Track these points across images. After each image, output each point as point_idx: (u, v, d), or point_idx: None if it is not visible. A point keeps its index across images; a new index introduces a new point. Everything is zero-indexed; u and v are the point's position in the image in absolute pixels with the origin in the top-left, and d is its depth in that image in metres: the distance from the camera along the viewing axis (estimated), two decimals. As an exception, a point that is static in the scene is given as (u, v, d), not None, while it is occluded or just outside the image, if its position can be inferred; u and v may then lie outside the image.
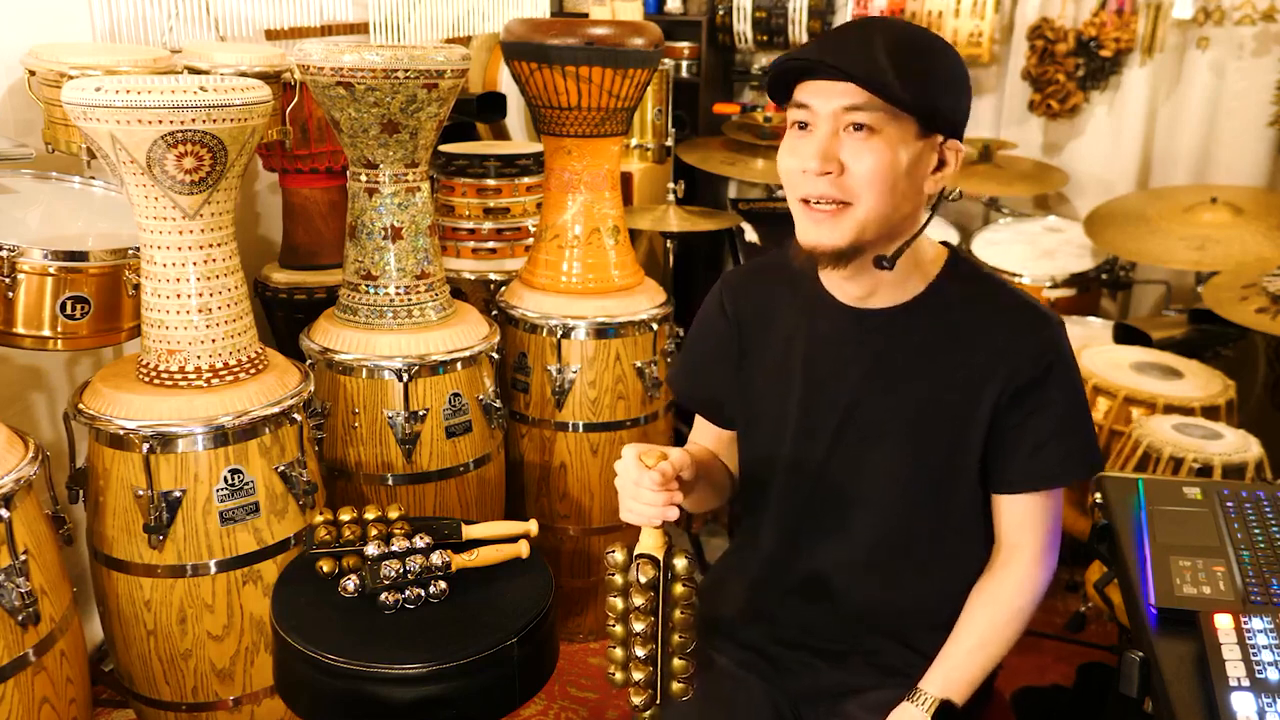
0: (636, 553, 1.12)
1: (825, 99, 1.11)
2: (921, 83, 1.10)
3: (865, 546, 1.29)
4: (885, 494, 1.26)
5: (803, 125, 1.14)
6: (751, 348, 1.34)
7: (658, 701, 1.16)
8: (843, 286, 1.24)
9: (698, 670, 1.35)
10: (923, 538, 1.28)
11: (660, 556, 1.11)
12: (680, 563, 1.11)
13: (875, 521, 1.28)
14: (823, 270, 1.20)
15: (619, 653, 1.16)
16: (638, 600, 1.11)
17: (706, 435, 1.43)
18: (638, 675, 1.15)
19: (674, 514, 1.12)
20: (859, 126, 1.11)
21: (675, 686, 1.15)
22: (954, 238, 3.26)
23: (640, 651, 1.13)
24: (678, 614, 1.12)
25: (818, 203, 1.14)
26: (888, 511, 1.27)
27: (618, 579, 1.13)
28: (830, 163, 1.11)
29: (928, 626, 1.29)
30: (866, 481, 1.27)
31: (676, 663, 1.14)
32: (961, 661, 1.22)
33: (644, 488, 1.11)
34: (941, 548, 1.28)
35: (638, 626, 1.12)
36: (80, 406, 1.72)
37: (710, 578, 1.49)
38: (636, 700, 1.16)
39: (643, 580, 1.10)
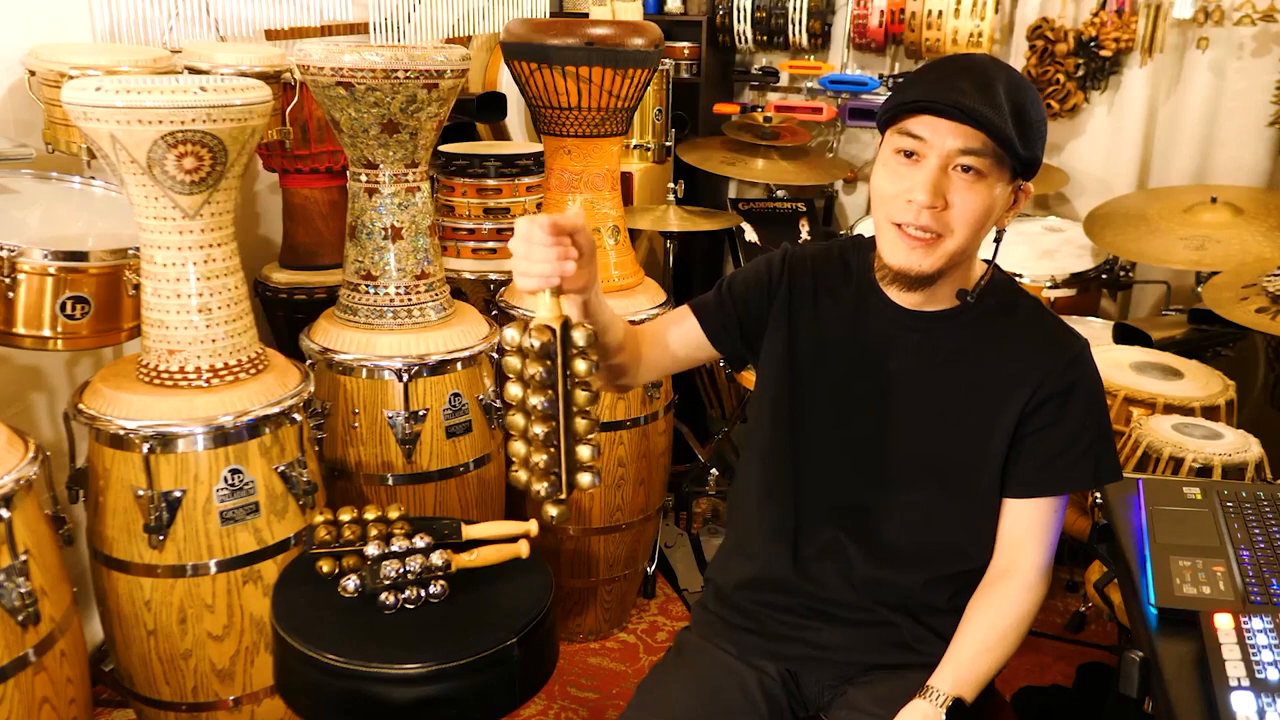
0: (532, 324, 1.02)
1: (943, 137, 1.15)
2: (1031, 136, 1.16)
3: (886, 528, 1.32)
4: (910, 482, 1.31)
5: (909, 154, 1.18)
6: (798, 316, 1.36)
7: (564, 494, 1.05)
8: (899, 292, 1.29)
9: (680, 651, 1.35)
10: (940, 528, 1.31)
11: (557, 327, 1.02)
12: (579, 334, 1.02)
13: (898, 505, 1.32)
14: (899, 288, 1.25)
15: (520, 447, 1.05)
16: (532, 370, 1.00)
17: (670, 324, 1.40)
18: (538, 459, 1.03)
19: (570, 269, 1.04)
20: (968, 168, 1.15)
21: (583, 478, 1.05)
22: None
23: (540, 430, 1.02)
24: (580, 393, 1.03)
25: (917, 230, 1.18)
26: (911, 498, 1.31)
27: (514, 361, 1.02)
28: (939, 198, 1.16)
29: (937, 608, 1.34)
30: (893, 466, 1.31)
31: (581, 450, 1.04)
32: (968, 662, 1.25)
33: (535, 244, 1.04)
34: (957, 539, 1.32)
35: (535, 401, 1.01)
36: (80, 406, 1.72)
37: (719, 553, 1.52)
38: (537, 487, 1.04)
39: (536, 345, 1.00)
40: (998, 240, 1.27)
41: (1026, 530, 1.29)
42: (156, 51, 2.05)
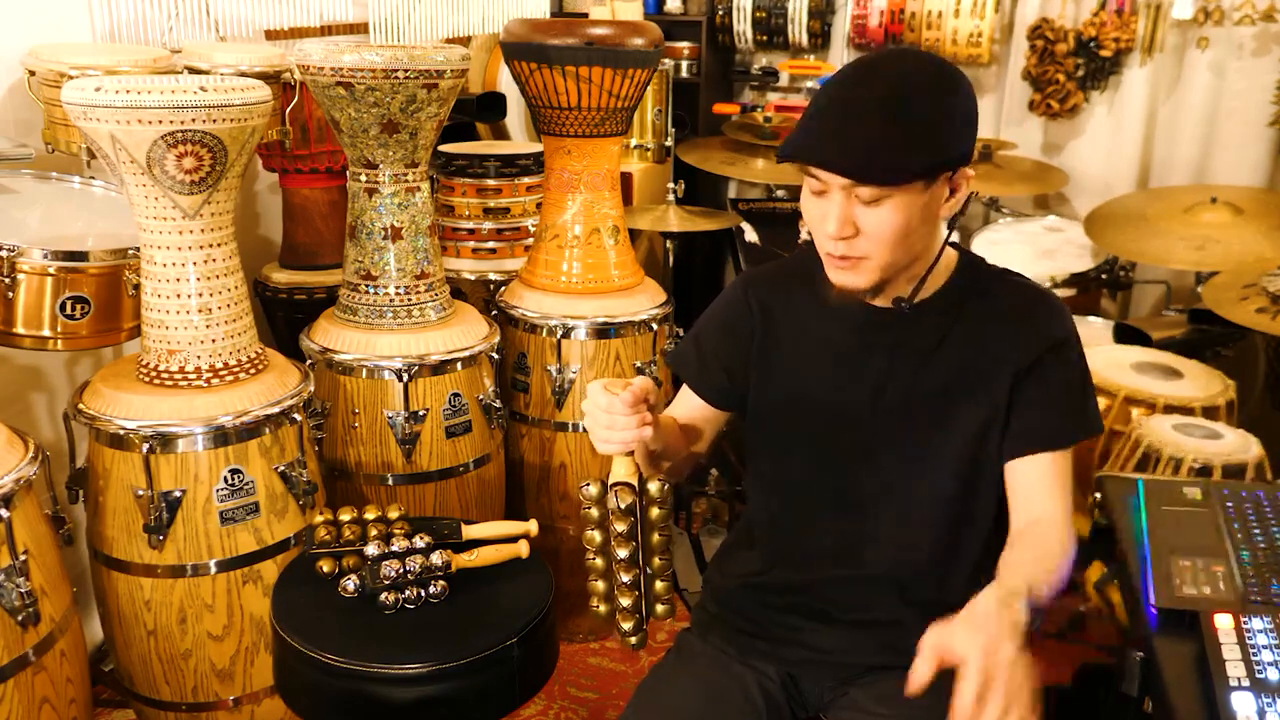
0: (612, 481, 1.15)
1: (833, 177, 1.15)
2: (924, 146, 1.13)
3: (888, 524, 1.32)
4: (911, 475, 1.30)
5: (816, 190, 1.19)
6: (773, 338, 1.37)
7: (645, 627, 1.20)
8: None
9: (680, 651, 1.37)
10: (944, 516, 1.31)
11: (635, 483, 1.15)
12: (654, 486, 1.15)
13: (900, 501, 1.31)
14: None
15: (600, 585, 1.19)
16: (619, 527, 1.14)
17: (684, 410, 1.44)
18: (625, 601, 1.18)
19: (649, 433, 1.14)
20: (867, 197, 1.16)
21: (659, 608, 1.19)
22: (953, 238, 3.27)
23: (625, 578, 1.16)
24: (655, 537, 1.16)
25: (839, 257, 1.20)
26: (913, 492, 1.31)
27: (594, 512, 1.16)
28: (846, 227, 1.17)
29: (939, 608, 1.31)
30: (892, 462, 1.30)
31: (659, 585, 1.18)
32: (1023, 569, 1.12)
33: (616, 413, 1.13)
34: (961, 527, 1.31)
35: (621, 553, 1.15)
36: (80, 406, 1.72)
37: (718, 553, 1.52)
38: (625, 626, 1.19)
39: (622, 506, 1.13)
40: (951, 228, 1.28)
41: (1037, 488, 1.25)
42: (156, 51, 2.05)
